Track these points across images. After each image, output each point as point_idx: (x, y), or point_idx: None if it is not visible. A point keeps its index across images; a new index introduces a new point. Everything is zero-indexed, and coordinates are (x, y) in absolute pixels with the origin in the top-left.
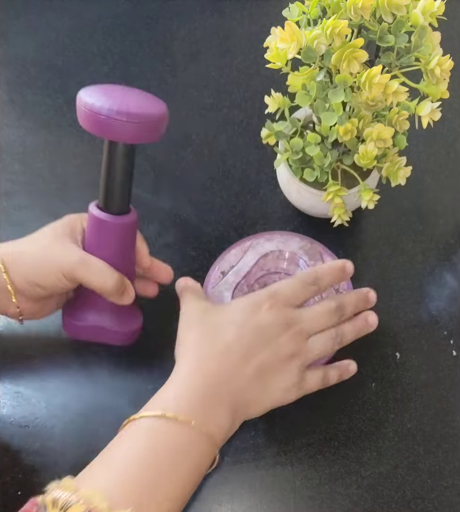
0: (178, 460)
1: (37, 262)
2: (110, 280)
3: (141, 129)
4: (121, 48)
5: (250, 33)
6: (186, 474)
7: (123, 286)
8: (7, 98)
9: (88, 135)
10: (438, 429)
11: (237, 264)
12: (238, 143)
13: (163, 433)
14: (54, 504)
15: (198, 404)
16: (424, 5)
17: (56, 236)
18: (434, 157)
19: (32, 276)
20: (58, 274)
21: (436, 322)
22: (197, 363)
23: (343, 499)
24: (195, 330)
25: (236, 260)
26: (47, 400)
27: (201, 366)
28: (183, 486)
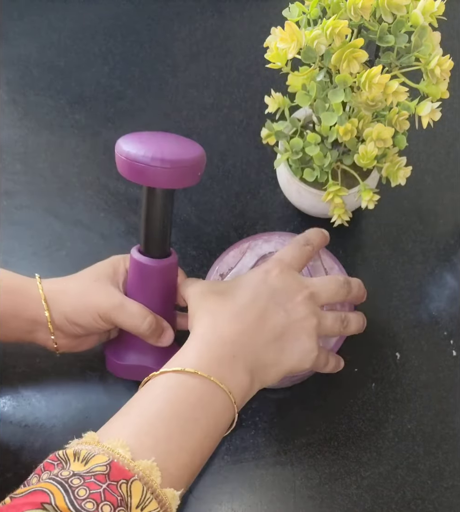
0: (196, 414)
1: (75, 302)
2: (144, 323)
3: (177, 175)
4: (122, 49)
5: (250, 33)
6: (205, 428)
7: (159, 329)
8: (9, 99)
9: (90, 136)
10: (438, 430)
11: (235, 266)
12: (238, 143)
13: (182, 387)
14: (76, 456)
15: (217, 362)
16: (424, 5)
17: (97, 277)
18: (434, 157)
19: (70, 315)
20: (94, 315)
21: (436, 323)
22: (214, 326)
23: (343, 499)
24: (208, 298)
25: (234, 262)
26: (47, 400)
27: (218, 328)
28: (201, 440)
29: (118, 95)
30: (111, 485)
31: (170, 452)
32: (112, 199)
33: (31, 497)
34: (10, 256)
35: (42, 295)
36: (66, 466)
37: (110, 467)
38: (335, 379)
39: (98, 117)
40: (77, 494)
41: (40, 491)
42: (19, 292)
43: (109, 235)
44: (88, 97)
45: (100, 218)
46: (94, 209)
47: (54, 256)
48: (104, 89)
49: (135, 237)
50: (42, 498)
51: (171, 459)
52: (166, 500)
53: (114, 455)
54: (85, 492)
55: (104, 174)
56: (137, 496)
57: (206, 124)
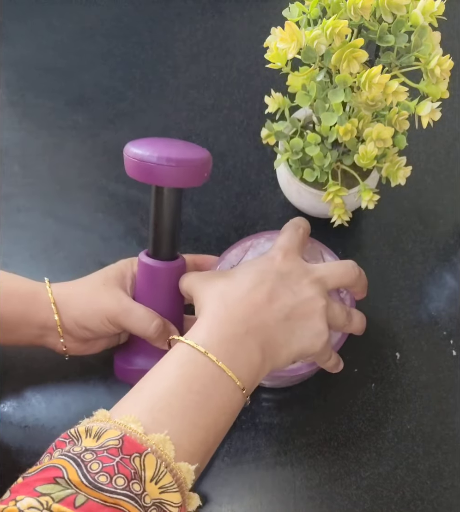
0: (209, 390)
1: (84, 306)
2: (151, 326)
3: (183, 173)
4: (123, 50)
5: (250, 33)
6: (218, 405)
7: (166, 332)
8: (9, 100)
9: (89, 138)
10: (438, 430)
11: (237, 263)
12: (238, 144)
13: (194, 364)
14: (88, 432)
15: (228, 339)
16: (424, 5)
17: (106, 280)
18: (434, 157)
19: (79, 318)
20: (102, 318)
21: (436, 323)
22: (224, 305)
23: (343, 499)
24: (214, 281)
25: (236, 260)
26: (47, 401)
27: (229, 307)
28: (214, 416)
29: (119, 96)
30: (124, 458)
31: (184, 427)
32: (111, 201)
33: (43, 474)
34: (9, 258)
35: (52, 298)
36: (78, 443)
37: (123, 441)
38: (335, 379)
39: (99, 118)
40: (90, 468)
41: (53, 467)
42: (30, 298)
43: (109, 237)
44: (89, 99)
45: (100, 220)
46: (94, 211)
47: (54, 258)
48: (104, 90)
49: (134, 239)
50: (54, 473)
51: (185, 434)
52: (181, 474)
53: (127, 430)
54: (98, 466)
55: (104, 176)
56: (151, 469)
57: (206, 124)
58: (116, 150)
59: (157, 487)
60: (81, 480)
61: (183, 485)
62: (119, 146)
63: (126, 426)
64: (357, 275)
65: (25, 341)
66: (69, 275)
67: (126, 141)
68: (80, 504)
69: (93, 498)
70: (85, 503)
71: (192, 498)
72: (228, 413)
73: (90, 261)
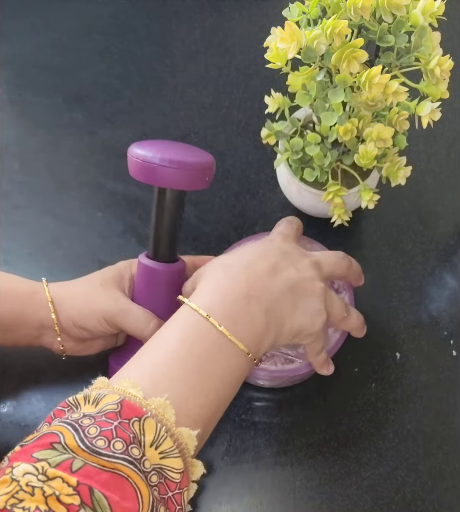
0: (209, 357)
1: (81, 306)
2: (148, 327)
3: (185, 176)
4: (120, 48)
5: (249, 33)
6: (219, 371)
7: None
8: (6, 98)
9: (87, 135)
10: (438, 430)
11: None
12: (237, 143)
13: (196, 329)
14: (86, 399)
15: (230, 303)
16: (424, 5)
17: (104, 281)
18: (434, 157)
19: (76, 318)
20: (99, 318)
21: (436, 323)
22: (225, 273)
23: (343, 499)
24: (213, 262)
25: None
26: (47, 400)
27: (230, 275)
28: (216, 381)
29: (116, 95)
30: (123, 423)
31: (185, 392)
32: (109, 199)
33: (41, 440)
34: (7, 256)
35: (49, 297)
36: (76, 410)
37: (121, 405)
38: (335, 379)
39: (96, 116)
40: (88, 432)
41: (50, 434)
42: (28, 298)
43: (107, 235)
44: (86, 96)
45: (98, 218)
46: (92, 209)
47: (51, 256)
48: (102, 88)
49: (133, 237)
50: (51, 439)
51: (186, 399)
52: (182, 440)
53: (125, 395)
54: (96, 430)
55: (102, 174)
56: (151, 434)
57: (205, 124)
58: (114, 148)
59: (157, 452)
60: (78, 445)
61: (186, 451)
62: (117, 144)
63: (125, 391)
64: (347, 266)
65: (23, 342)
66: (67, 273)
67: (124, 139)
68: (77, 469)
69: (91, 463)
70: (82, 468)
71: (195, 465)
72: (233, 378)
73: (88, 259)
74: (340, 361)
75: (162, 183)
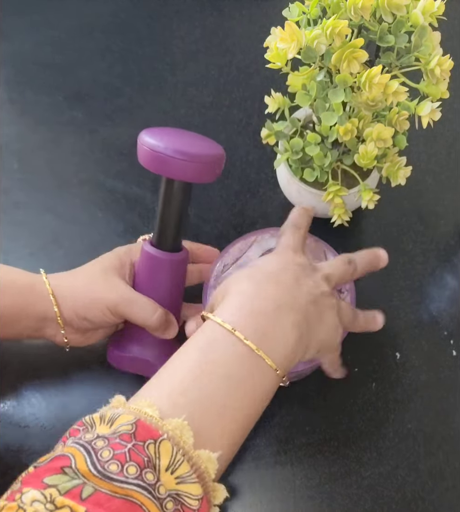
0: (233, 374)
1: (84, 297)
2: (153, 316)
3: (195, 168)
4: (120, 46)
5: (250, 32)
6: (244, 389)
7: (167, 322)
8: (7, 96)
9: (88, 133)
10: (439, 430)
11: (241, 257)
12: (237, 142)
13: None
14: (102, 419)
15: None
16: (424, 5)
17: (104, 270)
18: (434, 157)
19: (79, 310)
20: (104, 309)
21: (437, 323)
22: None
23: (343, 499)
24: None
25: (240, 254)
26: (47, 401)
27: (256, 285)
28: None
29: (117, 93)
30: (137, 445)
31: (205, 412)
32: (110, 197)
33: (53, 463)
34: (7, 255)
35: (50, 290)
36: (91, 429)
37: (136, 426)
38: (335, 379)
39: (96, 114)
40: (101, 456)
41: (62, 456)
42: (28, 290)
43: (107, 234)
44: (86, 95)
45: (98, 216)
46: (92, 207)
47: (52, 255)
48: (102, 86)
49: (133, 235)
50: (63, 463)
51: (205, 420)
52: (201, 463)
53: (141, 415)
54: (109, 453)
55: (102, 172)
56: (167, 457)
57: (205, 122)
58: (114, 146)
59: (173, 477)
60: (89, 469)
61: (205, 475)
62: (118, 142)
63: (140, 411)
64: (353, 270)
65: (24, 335)
66: None
67: (125, 137)
68: (87, 496)
69: (102, 489)
70: (93, 495)
71: (217, 489)
72: (259, 397)
73: (88, 258)
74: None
75: (171, 174)
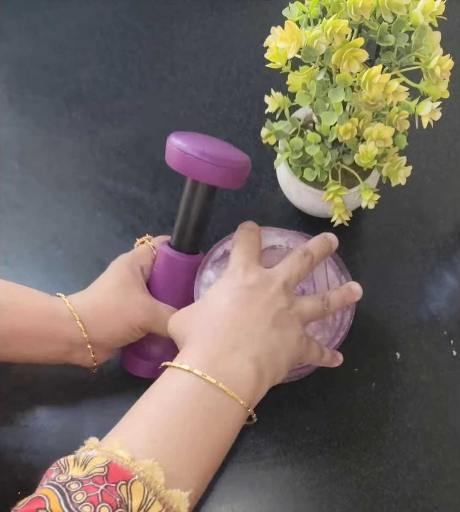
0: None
1: (116, 321)
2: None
3: (221, 173)
4: (120, 47)
5: (250, 32)
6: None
7: None
8: (6, 97)
9: (87, 134)
10: (438, 429)
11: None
12: (238, 142)
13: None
14: (75, 461)
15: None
16: (424, 5)
17: (124, 286)
18: (434, 157)
19: (114, 334)
20: (134, 328)
21: (436, 322)
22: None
23: (343, 499)
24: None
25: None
26: (47, 400)
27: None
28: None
29: (116, 93)
30: (109, 486)
31: (174, 453)
32: (109, 199)
33: (29, 506)
34: (6, 255)
35: (77, 317)
36: (64, 471)
37: (108, 468)
38: (335, 379)
39: (96, 115)
40: (75, 498)
41: (37, 498)
42: (52, 314)
43: (106, 235)
44: (86, 95)
45: (97, 218)
46: (91, 208)
47: (51, 256)
48: (101, 87)
49: (133, 237)
50: (38, 505)
51: (175, 460)
52: (172, 503)
53: (113, 457)
54: (83, 496)
55: (101, 174)
56: (138, 497)
57: (205, 123)
58: (114, 147)
59: None
60: (63, 510)
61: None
62: (117, 143)
63: (113, 453)
64: (311, 260)
65: (50, 359)
66: (67, 272)
67: (124, 138)
68: None
69: None
70: None
71: None
72: (226, 432)
73: (88, 259)
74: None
75: (197, 175)
